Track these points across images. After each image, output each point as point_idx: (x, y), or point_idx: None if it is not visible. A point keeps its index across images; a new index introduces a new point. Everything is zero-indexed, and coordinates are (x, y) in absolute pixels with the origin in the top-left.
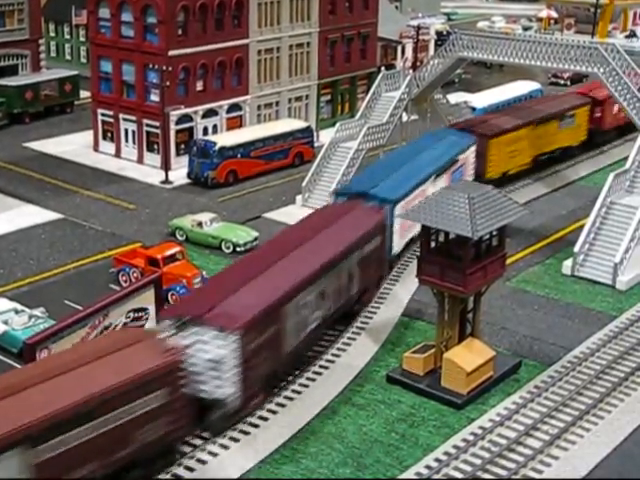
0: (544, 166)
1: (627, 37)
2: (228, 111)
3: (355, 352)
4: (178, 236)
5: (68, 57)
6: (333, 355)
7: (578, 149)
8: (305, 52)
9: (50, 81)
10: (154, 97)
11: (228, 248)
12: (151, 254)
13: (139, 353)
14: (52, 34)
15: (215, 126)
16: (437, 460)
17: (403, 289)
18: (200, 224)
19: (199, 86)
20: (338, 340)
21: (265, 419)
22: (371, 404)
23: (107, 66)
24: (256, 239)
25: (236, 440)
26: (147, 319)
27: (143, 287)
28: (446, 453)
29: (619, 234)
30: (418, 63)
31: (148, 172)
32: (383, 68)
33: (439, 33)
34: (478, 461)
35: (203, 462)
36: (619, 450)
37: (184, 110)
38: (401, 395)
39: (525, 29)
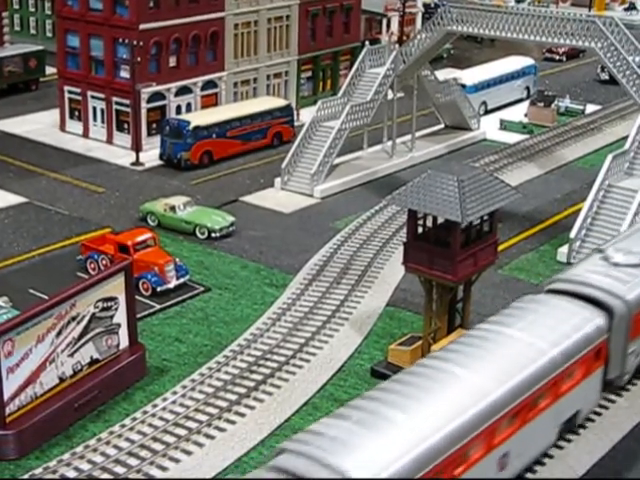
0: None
1: (626, 10)
2: (203, 88)
3: (337, 344)
4: (150, 221)
5: (33, 31)
6: (314, 347)
7: None
8: (284, 26)
9: (14, 57)
10: (124, 73)
11: (203, 234)
12: (121, 240)
13: None
14: (16, 6)
15: (189, 104)
16: None
17: (388, 277)
18: (173, 208)
19: (172, 62)
20: (319, 332)
21: (242, 415)
22: (354, 399)
23: (74, 41)
24: (232, 224)
25: (212, 437)
26: (117, 309)
27: (112, 275)
28: None
29: (618, 219)
30: (404, 37)
31: (118, 153)
32: (367, 43)
33: (427, 5)
34: None
35: (177, 460)
36: (618, 448)
37: (156, 87)
38: None
39: (518, 1)
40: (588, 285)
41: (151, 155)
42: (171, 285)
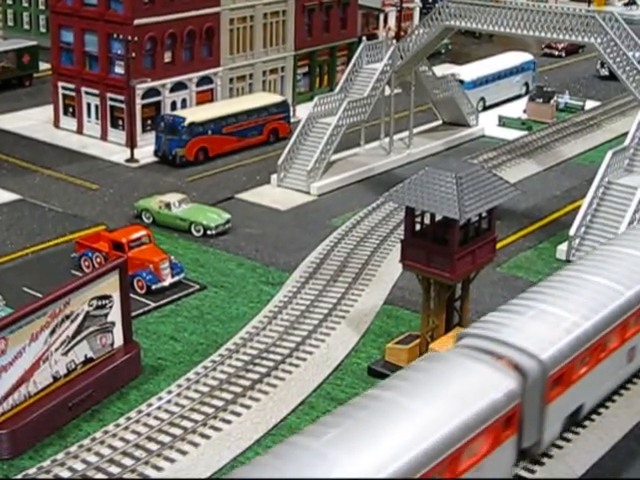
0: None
1: (626, 5)
2: (198, 84)
3: (334, 343)
4: (144, 218)
5: (26, 26)
6: (311, 346)
7: None
8: (281, 21)
9: (7, 52)
10: (119, 69)
11: (198, 231)
12: (115, 238)
13: None
14: (9, 1)
15: (184, 100)
16: None
17: (386, 275)
18: (168, 205)
19: (167, 57)
20: (316, 330)
21: (238, 414)
22: (351, 398)
23: (68, 36)
24: (228, 222)
25: (207, 437)
26: (111, 307)
27: (107, 273)
28: None
29: (617, 216)
30: (402, 33)
31: (112, 149)
32: (364, 38)
33: (424, 0)
34: None
35: (172, 460)
36: (618, 448)
37: (151, 83)
38: None
39: None
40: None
41: (146, 152)
42: (166, 283)
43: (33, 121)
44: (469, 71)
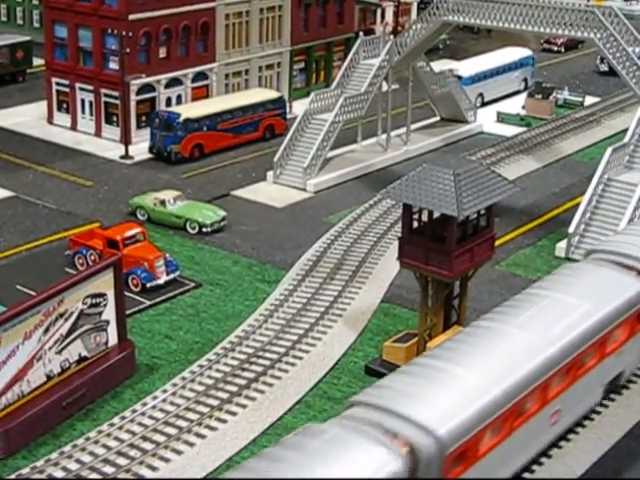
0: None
1: (626, 0)
2: (193, 80)
3: (331, 341)
4: (139, 215)
5: (20, 21)
6: (307, 345)
7: None
8: (277, 16)
9: (0, 48)
10: (113, 65)
11: (193, 229)
12: (110, 235)
13: None
14: None
15: (179, 96)
16: None
17: (383, 273)
18: (163, 203)
19: (162, 53)
20: (313, 328)
21: (234, 414)
22: (348, 397)
23: (62, 31)
24: (224, 219)
25: (202, 436)
26: (105, 306)
27: (101, 271)
28: None
29: (617, 213)
30: (399, 28)
31: (106, 146)
32: (361, 33)
33: None
34: None
35: (167, 460)
36: (617, 447)
37: (146, 79)
38: None
39: None
40: None
41: (140, 148)
42: (161, 281)
43: (27, 117)
44: (467, 67)
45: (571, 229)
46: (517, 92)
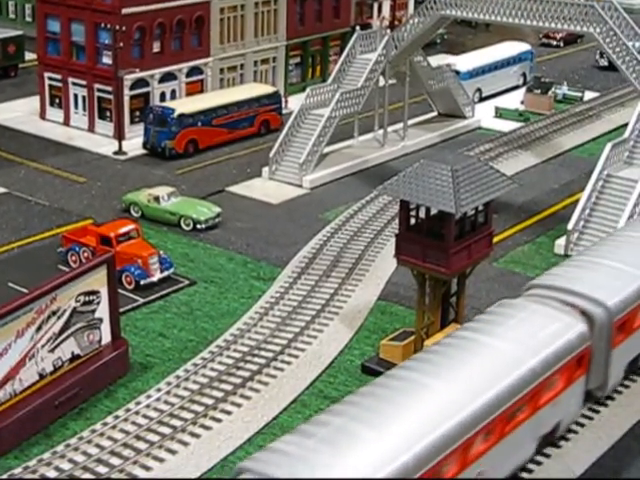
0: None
1: None
2: (188, 75)
3: (327, 340)
4: (133, 212)
5: (12, 15)
6: (303, 343)
7: None
8: (272, 10)
9: None
10: (106, 59)
11: (188, 225)
12: (103, 232)
13: None
14: None
15: (173, 91)
16: None
17: (380, 270)
18: (157, 199)
19: (156, 47)
20: (309, 327)
21: (229, 413)
22: (344, 396)
23: (55, 25)
24: (218, 215)
25: (197, 436)
26: (99, 303)
27: (94, 268)
28: None
29: (617, 210)
30: (396, 22)
31: (100, 142)
32: (358, 28)
33: None
34: None
35: (161, 460)
36: (617, 447)
37: (139, 74)
38: None
39: None
40: None
41: (134, 144)
42: (155, 278)
43: (18, 112)
44: (465, 61)
45: (570, 226)
46: (516, 87)
